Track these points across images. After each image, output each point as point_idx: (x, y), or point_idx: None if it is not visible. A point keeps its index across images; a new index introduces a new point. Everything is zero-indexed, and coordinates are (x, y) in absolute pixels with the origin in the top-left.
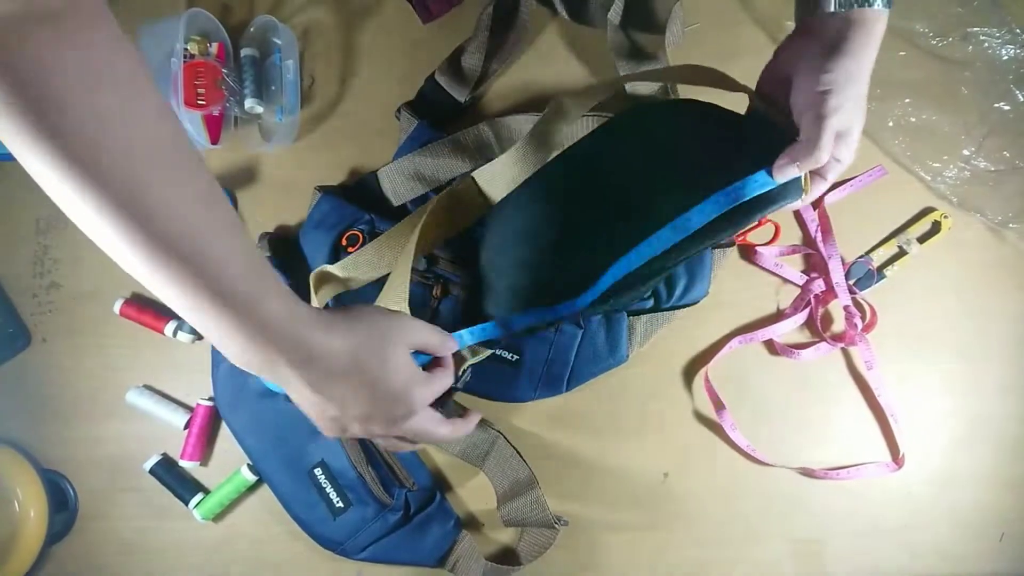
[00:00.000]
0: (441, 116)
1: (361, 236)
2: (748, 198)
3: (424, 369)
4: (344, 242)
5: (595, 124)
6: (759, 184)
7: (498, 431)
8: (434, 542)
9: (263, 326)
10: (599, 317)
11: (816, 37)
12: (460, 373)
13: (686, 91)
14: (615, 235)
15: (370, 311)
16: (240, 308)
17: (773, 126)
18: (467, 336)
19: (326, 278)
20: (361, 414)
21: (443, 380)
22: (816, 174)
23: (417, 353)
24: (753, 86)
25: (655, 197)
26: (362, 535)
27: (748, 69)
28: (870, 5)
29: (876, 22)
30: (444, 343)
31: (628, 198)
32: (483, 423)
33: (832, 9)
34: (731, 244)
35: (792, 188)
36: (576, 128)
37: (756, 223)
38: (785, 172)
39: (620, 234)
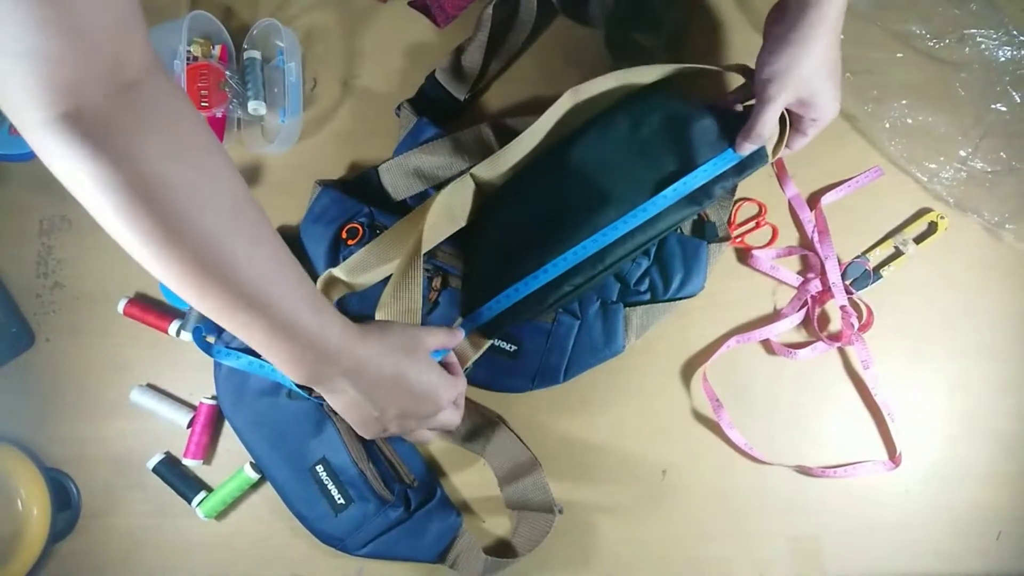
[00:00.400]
0: (441, 113)
1: (361, 229)
2: (723, 170)
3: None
4: (344, 235)
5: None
6: (727, 160)
7: (498, 416)
8: (434, 538)
9: (324, 351)
10: (596, 308)
11: (784, 10)
12: (465, 369)
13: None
14: (596, 219)
15: (393, 325)
16: (305, 341)
17: (724, 111)
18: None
19: (333, 283)
20: (399, 413)
21: (461, 381)
22: (796, 131)
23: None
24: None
25: (630, 182)
26: (363, 531)
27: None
28: None
29: (829, 4)
30: (453, 335)
31: (605, 187)
32: (483, 410)
33: None
34: (726, 238)
35: (757, 157)
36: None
37: (755, 226)
38: (743, 148)
39: (601, 215)
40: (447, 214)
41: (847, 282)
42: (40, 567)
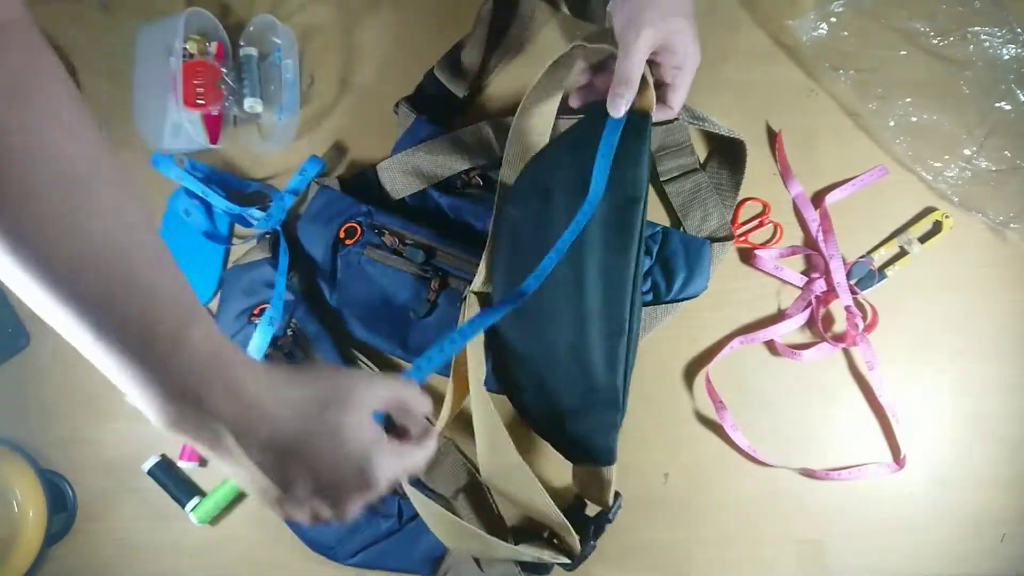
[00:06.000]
0: (440, 111)
1: (359, 228)
2: (615, 140)
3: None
4: (342, 234)
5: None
6: (612, 128)
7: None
8: (426, 549)
9: (187, 377)
10: None
11: None
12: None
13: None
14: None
15: (314, 369)
16: (157, 353)
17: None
18: (457, 338)
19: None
20: (313, 489)
21: (415, 455)
22: (666, 86)
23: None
24: (752, 88)
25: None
26: (354, 540)
27: (748, 67)
28: None
29: None
30: (404, 386)
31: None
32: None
33: None
34: (729, 238)
35: (640, 120)
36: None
37: (759, 225)
38: (615, 105)
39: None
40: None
41: (852, 282)
42: (36, 569)
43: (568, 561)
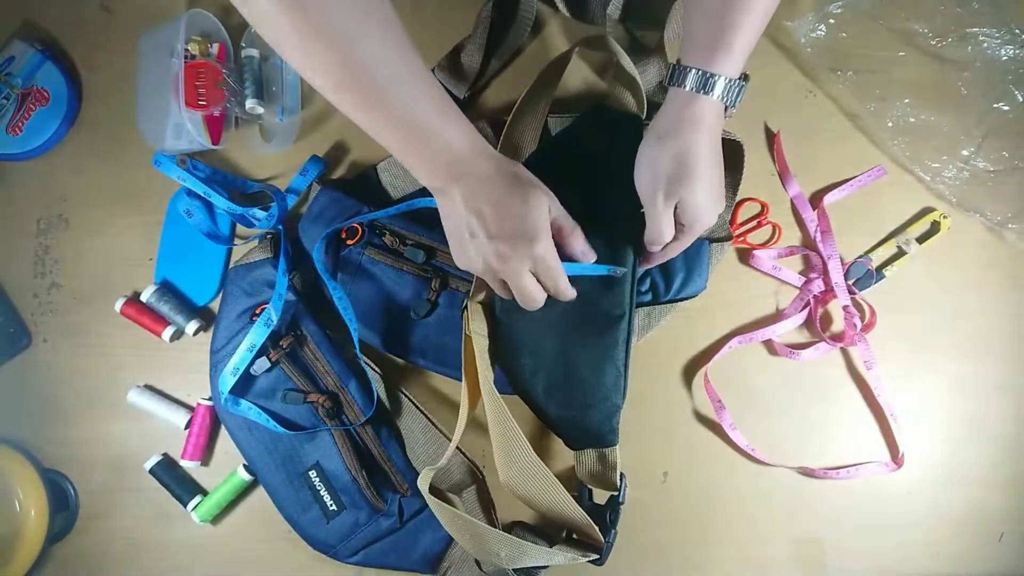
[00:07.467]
0: None
1: (360, 228)
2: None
3: None
4: (344, 235)
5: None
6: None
7: (481, 472)
8: (426, 549)
9: (442, 152)
10: None
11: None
12: None
13: None
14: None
15: (523, 169)
16: (425, 138)
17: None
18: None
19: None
20: (498, 230)
21: (575, 238)
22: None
23: None
24: (751, 89)
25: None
26: (354, 539)
27: (746, 68)
28: (707, 92)
29: (706, 111)
30: (572, 228)
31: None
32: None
33: (688, 87)
34: (728, 238)
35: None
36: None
37: (757, 225)
38: (649, 259)
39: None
40: (480, 347)
41: (850, 282)
42: (38, 568)
43: (597, 556)
